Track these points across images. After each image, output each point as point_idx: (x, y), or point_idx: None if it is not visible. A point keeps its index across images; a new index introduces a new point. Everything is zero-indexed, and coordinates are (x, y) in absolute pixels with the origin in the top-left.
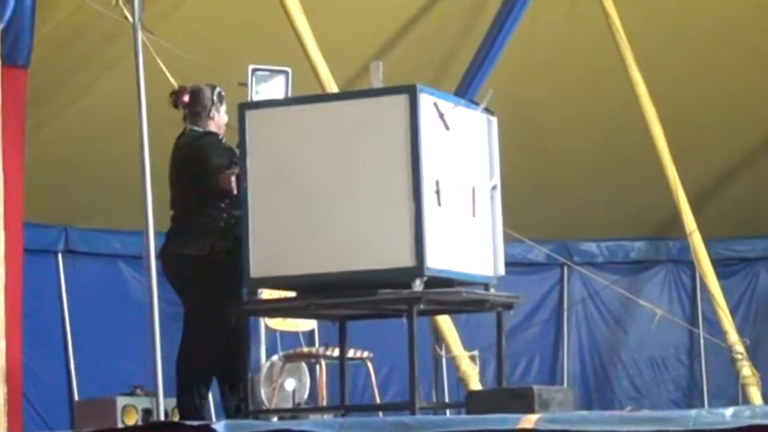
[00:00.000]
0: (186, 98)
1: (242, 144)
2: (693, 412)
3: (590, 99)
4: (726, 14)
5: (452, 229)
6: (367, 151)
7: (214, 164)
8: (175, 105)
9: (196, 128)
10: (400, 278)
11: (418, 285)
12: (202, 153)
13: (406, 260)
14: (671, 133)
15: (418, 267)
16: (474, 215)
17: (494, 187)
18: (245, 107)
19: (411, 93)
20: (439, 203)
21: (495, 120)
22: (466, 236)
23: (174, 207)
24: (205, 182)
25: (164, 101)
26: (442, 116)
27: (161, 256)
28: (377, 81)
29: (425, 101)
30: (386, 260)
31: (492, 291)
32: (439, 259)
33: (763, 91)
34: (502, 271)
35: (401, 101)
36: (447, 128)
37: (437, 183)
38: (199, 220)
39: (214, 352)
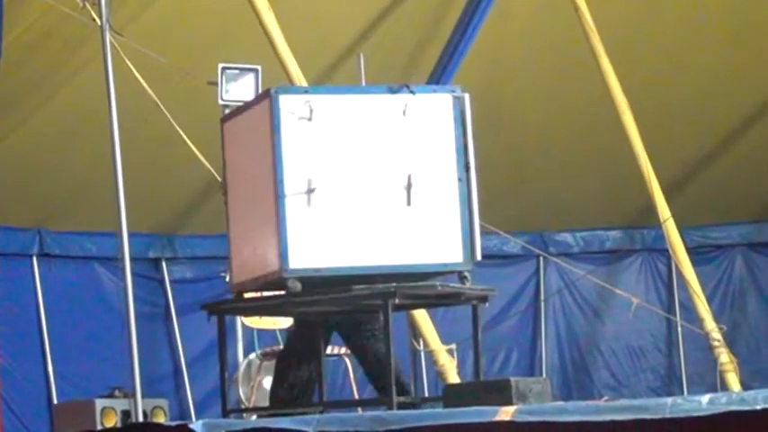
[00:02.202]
0: None
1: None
2: (669, 400)
3: (561, 92)
4: (696, 6)
5: (345, 225)
6: (262, 157)
7: None
8: None
9: None
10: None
11: (293, 285)
12: None
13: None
14: (643, 123)
15: (281, 268)
16: (409, 204)
17: (467, 168)
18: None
19: (270, 97)
20: (308, 203)
21: (466, 96)
22: (385, 227)
23: None
24: None
25: (134, 100)
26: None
27: None
28: (360, 73)
29: (290, 101)
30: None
31: (466, 280)
32: (315, 258)
33: (733, 78)
34: (477, 256)
35: (265, 106)
36: (310, 119)
37: (309, 181)
38: None
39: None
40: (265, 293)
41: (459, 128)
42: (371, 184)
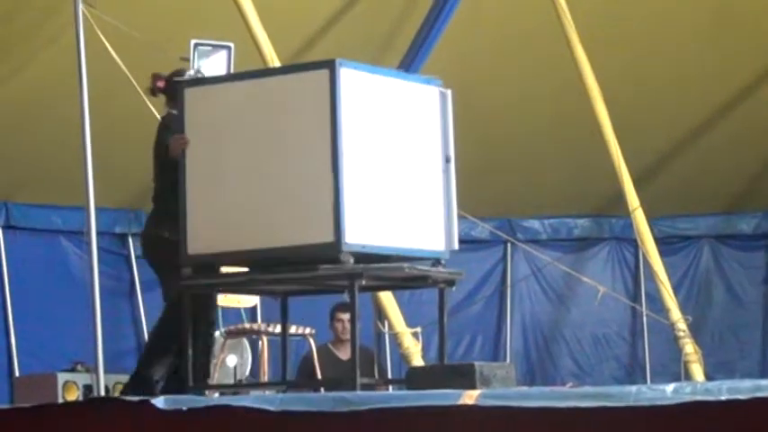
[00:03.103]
0: (161, 84)
1: (180, 122)
2: (634, 388)
3: (535, 80)
4: None
5: (385, 204)
6: (294, 126)
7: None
8: (153, 93)
9: (173, 111)
10: (322, 254)
11: (350, 261)
12: (164, 134)
13: (327, 236)
14: (615, 113)
15: (337, 243)
16: (416, 190)
17: (447, 160)
18: (184, 85)
19: (331, 68)
20: (364, 178)
21: (449, 92)
22: (407, 211)
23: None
24: (171, 163)
25: (105, 74)
26: None
27: (141, 237)
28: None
29: (347, 75)
30: (309, 236)
31: (441, 267)
32: (365, 235)
33: (705, 70)
34: (455, 245)
35: (323, 76)
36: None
37: (362, 157)
38: (171, 204)
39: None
40: (230, 270)
41: (444, 121)
42: (394, 167)
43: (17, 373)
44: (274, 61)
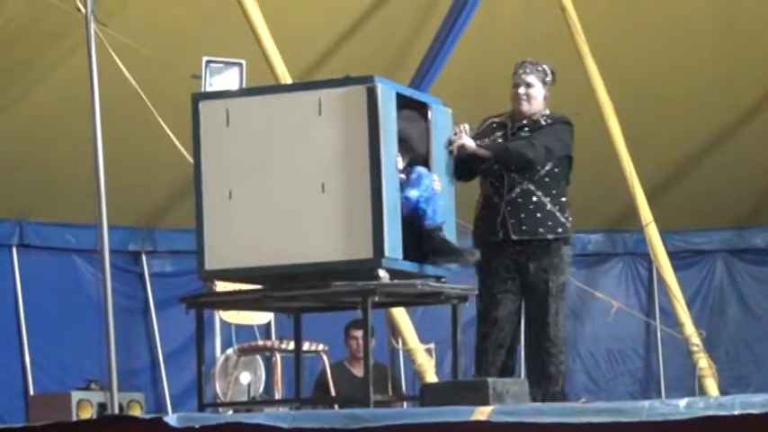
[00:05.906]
0: None
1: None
2: (647, 403)
3: None
4: (682, 8)
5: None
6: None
7: None
8: None
9: None
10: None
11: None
12: None
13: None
14: (627, 126)
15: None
16: (323, 202)
17: (376, 162)
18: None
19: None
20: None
21: (379, 87)
22: (299, 225)
23: None
24: None
25: (117, 92)
26: None
27: None
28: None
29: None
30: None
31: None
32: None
33: (718, 83)
34: (386, 252)
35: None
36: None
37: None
38: None
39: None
40: (244, 287)
41: (371, 121)
42: (285, 184)
43: (31, 392)
44: (286, 78)
